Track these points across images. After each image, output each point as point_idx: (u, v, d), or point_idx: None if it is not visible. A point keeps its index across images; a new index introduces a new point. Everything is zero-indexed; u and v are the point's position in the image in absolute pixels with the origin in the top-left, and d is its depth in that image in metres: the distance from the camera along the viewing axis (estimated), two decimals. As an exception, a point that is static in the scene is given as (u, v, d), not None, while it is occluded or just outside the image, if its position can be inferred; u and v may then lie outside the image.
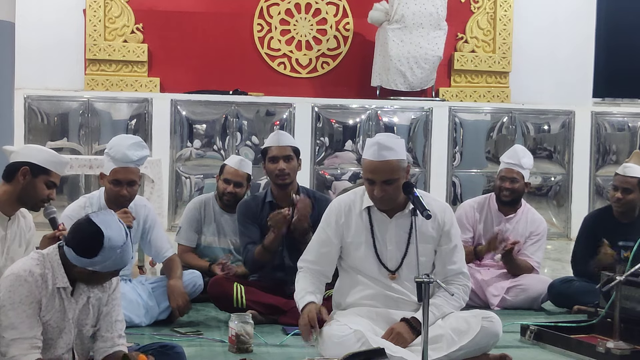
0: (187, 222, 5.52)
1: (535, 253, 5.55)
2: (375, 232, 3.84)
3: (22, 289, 2.94)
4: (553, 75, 10.26)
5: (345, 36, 10.16)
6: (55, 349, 3.04)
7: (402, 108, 9.67)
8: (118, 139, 4.58)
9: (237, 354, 4.05)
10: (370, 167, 3.76)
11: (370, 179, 3.76)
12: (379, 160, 3.72)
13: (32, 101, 9.20)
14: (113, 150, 4.49)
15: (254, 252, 4.73)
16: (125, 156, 4.46)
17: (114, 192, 4.51)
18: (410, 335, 3.67)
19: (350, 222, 3.87)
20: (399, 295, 3.83)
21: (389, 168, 3.72)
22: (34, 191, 3.76)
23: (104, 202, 4.59)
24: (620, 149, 9.97)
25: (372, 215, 3.86)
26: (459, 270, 3.88)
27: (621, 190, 5.21)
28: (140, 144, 4.54)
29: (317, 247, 3.91)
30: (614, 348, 4.03)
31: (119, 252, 2.95)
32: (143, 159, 4.56)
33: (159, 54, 9.83)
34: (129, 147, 4.48)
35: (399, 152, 3.77)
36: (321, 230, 3.93)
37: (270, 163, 4.81)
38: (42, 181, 3.77)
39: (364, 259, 3.85)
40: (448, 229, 3.87)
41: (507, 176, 5.50)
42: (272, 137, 4.92)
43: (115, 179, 4.48)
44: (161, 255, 4.80)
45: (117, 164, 4.47)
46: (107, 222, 2.97)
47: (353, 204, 3.90)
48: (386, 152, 3.73)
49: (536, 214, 5.70)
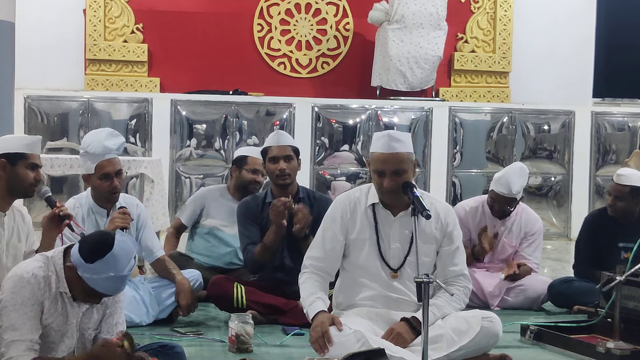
0: (193, 203, 5.69)
1: (533, 254, 5.54)
2: (379, 229, 3.84)
3: (24, 290, 2.93)
4: (553, 75, 10.27)
5: (345, 36, 10.17)
6: (56, 352, 3.03)
7: (402, 108, 9.68)
8: (92, 136, 4.55)
9: (237, 354, 4.05)
10: (381, 158, 3.76)
11: (380, 170, 3.76)
12: (389, 152, 3.74)
13: (32, 101, 9.21)
14: (91, 146, 4.45)
15: (254, 252, 4.72)
16: (106, 148, 4.45)
17: (105, 186, 4.49)
18: (410, 335, 3.67)
19: (356, 219, 3.87)
20: (399, 296, 3.82)
21: (398, 159, 3.73)
22: (18, 179, 3.75)
23: (92, 201, 4.59)
24: (620, 149, 9.98)
25: (376, 213, 3.85)
26: (460, 272, 3.88)
27: (613, 197, 5.24)
28: (114, 133, 4.55)
29: (322, 244, 3.90)
30: (614, 348, 4.03)
31: (113, 277, 2.88)
32: (121, 147, 4.57)
33: (159, 54, 9.83)
34: (106, 138, 4.47)
35: (408, 145, 3.80)
36: (326, 227, 3.91)
37: (271, 163, 4.80)
38: (22, 167, 3.76)
39: (366, 256, 3.84)
40: (451, 230, 3.87)
41: (497, 200, 5.47)
42: (271, 137, 4.92)
43: (103, 173, 4.47)
44: (152, 255, 4.79)
45: (99, 159, 4.45)
46: (124, 246, 2.90)
47: (358, 200, 3.90)
48: (396, 144, 3.75)
49: (531, 213, 5.67)
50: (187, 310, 4.62)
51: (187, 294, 4.61)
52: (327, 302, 3.81)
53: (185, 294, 4.61)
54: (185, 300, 4.60)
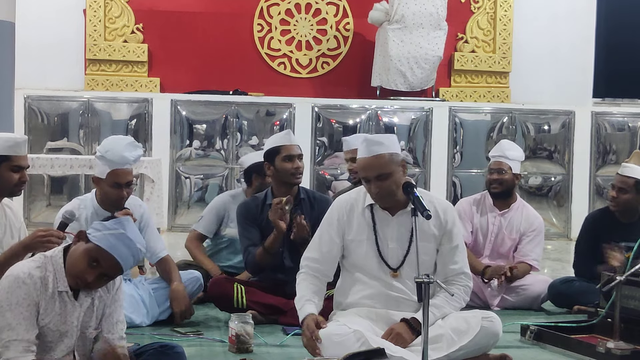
0: (211, 213, 5.52)
1: (533, 250, 5.53)
2: (377, 229, 3.84)
3: (20, 291, 2.93)
4: (553, 75, 10.27)
5: (346, 36, 10.17)
6: (54, 352, 3.03)
7: (402, 108, 9.68)
8: (112, 142, 4.52)
9: (237, 354, 4.05)
10: (361, 165, 3.77)
11: (364, 177, 3.77)
12: (368, 157, 3.73)
13: (32, 101, 9.21)
14: (110, 153, 4.43)
15: (254, 254, 4.72)
16: (124, 158, 4.44)
17: (114, 194, 4.48)
18: (409, 336, 3.67)
19: (352, 220, 3.87)
20: (399, 295, 3.82)
21: (379, 163, 3.71)
22: (2, 181, 3.75)
23: (97, 203, 4.58)
24: (620, 149, 9.98)
25: (374, 213, 3.85)
26: (461, 270, 3.88)
27: (617, 189, 5.21)
28: (134, 144, 4.52)
29: (318, 246, 3.91)
30: (614, 348, 4.02)
31: (123, 235, 2.96)
32: (138, 158, 4.56)
33: (159, 54, 9.84)
34: (125, 149, 4.45)
35: (390, 146, 3.77)
36: (323, 229, 3.92)
37: (285, 162, 4.74)
38: (6, 169, 3.75)
39: (365, 256, 3.84)
40: (450, 228, 3.87)
41: (495, 168, 5.54)
42: (283, 136, 4.88)
43: (115, 181, 4.46)
44: (155, 255, 4.78)
45: (114, 167, 4.44)
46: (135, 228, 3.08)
47: (355, 201, 3.90)
48: (375, 147, 3.74)
49: (531, 210, 5.68)
50: (181, 317, 4.59)
51: (181, 301, 4.59)
52: (319, 304, 3.81)
53: (179, 302, 4.58)
54: (179, 307, 4.57)
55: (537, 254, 5.54)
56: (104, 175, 4.47)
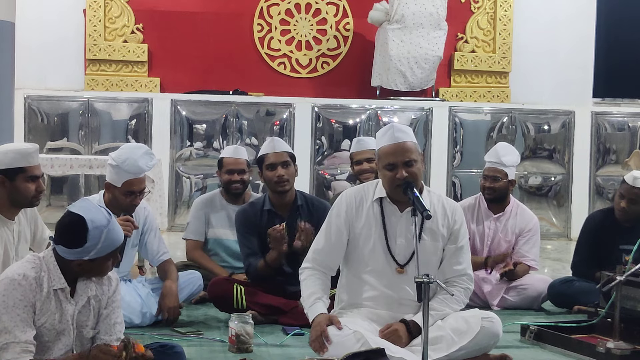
0: (194, 217, 5.56)
1: (530, 250, 5.52)
2: (386, 223, 3.82)
3: (15, 292, 2.94)
4: (553, 75, 10.27)
5: (345, 36, 10.17)
6: (52, 351, 3.04)
7: (402, 108, 9.68)
8: (127, 151, 4.51)
9: (237, 354, 4.05)
10: (390, 151, 3.74)
11: (391, 162, 3.73)
12: (396, 143, 3.73)
13: (32, 101, 9.21)
14: (126, 163, 4.43)
15: (256, 266, 4.71)
16: (139, 168, 4.46)
17: (127, 201, 4.49)
18: (405, 335, 3.67)
19: (361, 213, 3.85)
20: (402, 296, 3.80)
21: (407, 149, 3.73)
22: (20, 193, 3.76)
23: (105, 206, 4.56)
24: (620, 149, 9.98)
25: (383, 207, 3.84)
26: (464, 271, 3.88)
27: (627, 200, 5.15)
28: (149, 152, 4.54)
29: (326, 237, 3.87)
30: (614, 348, 4.03)
31: (107, 231, 2.98)
32: (152, 166, 4.59)
33: (159, 54, 9.83)
34: (141, 158, 4.46)
35: (412, 136, 3.82)
36: (331, 220, 3.88)
37: (269, 170, 4.76)
38: (22, 181, 3.76)
39: (372, 250, 3.82)
40: (458, 228, 3.87)
41: (489, 175, 5.50)
42: (267, 144, 4.88)
43: (129, 190, 4.47)
44: (157, 258, 4.78)
45: (130, 176, 4.45)
46: (85, 207, 3.02)
47: (365, 195, 3.88)
48: (401, 134, 3.77)
49: (526, 210, 5.66)
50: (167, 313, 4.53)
51: (171, 298, 4.56)
52: (327, 302, 3.80)
53: (168, 298, 4.56)
54: (167, 304, 4.54)
55: (534, 254, 5.54)
56: (119, 183, 4.47)
